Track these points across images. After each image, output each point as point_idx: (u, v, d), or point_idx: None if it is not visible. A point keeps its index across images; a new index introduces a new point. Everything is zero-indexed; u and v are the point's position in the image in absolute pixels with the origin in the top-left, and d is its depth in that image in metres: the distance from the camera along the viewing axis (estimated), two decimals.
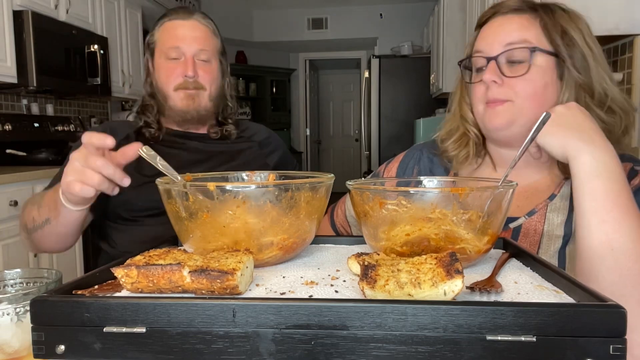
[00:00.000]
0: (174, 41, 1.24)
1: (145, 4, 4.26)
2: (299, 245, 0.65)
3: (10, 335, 0.57)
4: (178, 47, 1.23)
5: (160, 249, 0.59)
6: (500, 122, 0.85)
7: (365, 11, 6.36)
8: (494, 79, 0.84)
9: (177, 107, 1.25)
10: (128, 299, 0.46)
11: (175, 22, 1.26)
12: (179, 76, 1.23)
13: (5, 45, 2.69)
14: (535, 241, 0.85)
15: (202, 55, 1.25)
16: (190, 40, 1.24)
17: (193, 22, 1.26)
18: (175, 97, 1.25)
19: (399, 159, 1.07)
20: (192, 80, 1.23)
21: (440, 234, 0.60)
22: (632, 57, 1.72)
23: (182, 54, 1.23)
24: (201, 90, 1.25)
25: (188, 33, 1.25)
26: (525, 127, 0.84)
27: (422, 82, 4.66)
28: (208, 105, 1.28)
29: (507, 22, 0.86)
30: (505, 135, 0.88)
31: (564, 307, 0.42)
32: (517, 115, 0.84)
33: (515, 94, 0.83)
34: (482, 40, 0.88)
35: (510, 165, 0.67)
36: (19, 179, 2.42)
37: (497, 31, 0.86)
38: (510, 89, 0.84)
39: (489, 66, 0.85)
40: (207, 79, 1.26)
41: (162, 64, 1.25)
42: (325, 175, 0.69)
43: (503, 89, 0.84)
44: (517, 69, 0.83)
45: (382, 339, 0.42)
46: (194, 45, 1.24)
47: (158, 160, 0.66)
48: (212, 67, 1.28)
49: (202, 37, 1.26)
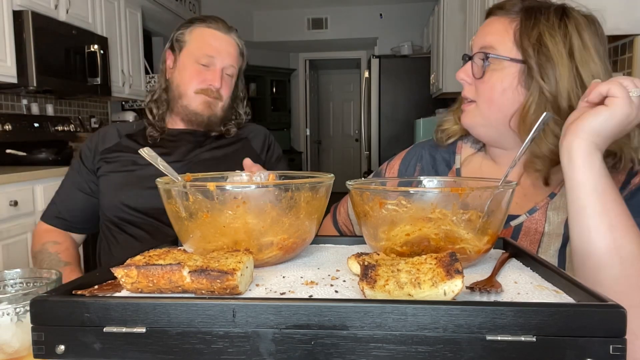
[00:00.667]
0: (210, 50, 1.29)
1: (145, 4, 4.26)
2: (299, 245, 0.65)
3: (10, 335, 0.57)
4: (213, 57, 1.29)
5: (160, 249, 0.59)
6: (466, 121, 0.90)
7: (365, 11, 6.36)
8: (464, 79, 0.89)
9: (191, 107, 1.30)
10: (128, 299, 0.46)
11: (215, 33, 1.32)
12: (204, 82, 1.29)
13: (5, 45, 2.69)
14: (536, 240, 0.84)
15: (229, 70, 1.32)
16: (225, 54, 1.31)
17: (230, 38, 1.33)
18: (194, 99, 1.30)
19: (401, 157, 1.07)
20: (215, 90, 1.30)
21: (440, 234, 0.60)
22: (632, 57, 1.72)
23: (213, 63, 1.29)
24: (218, 100, 1.32)
25: (225, 47, 1.31)
26: (489, 129, 0.88)
27: (422, 82, 4.66)
28: (219, 114, 1.34)
29: (489, 25, 0.88)
30: (476, 134, 0.92)
31: (564, 307, 0.42)
32: (479, 117, 0.88)
33: (478, 95, 0.87)
34: (473, 39, 0.91)
35: (511, 165, 0.67)
36: (19, 179, 2.42)
37: (480, 32, 0.89)
38: (476, 90, 0.87)
39: (465, 65, 0.89)
40: (226, 91, 1.33)
41: (190, 65, 1.29)
42: (325, 175, 0.69)
43: (471, 88, 0.88)
44: (479, 71, 0.86)
45: (382, 339, 0.42)
46: (227, 60, 1.31)
47: (159, 161, 0.66)
48: (232, 82, 1.36)
49: (234, 54, 1.33)
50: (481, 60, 0.86)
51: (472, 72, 0.87)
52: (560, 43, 0.79)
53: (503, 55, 0.83)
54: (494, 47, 0.84)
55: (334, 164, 8.48)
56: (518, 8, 0.86)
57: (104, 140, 1.32)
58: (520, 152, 0.67)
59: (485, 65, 0.85)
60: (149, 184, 1.22)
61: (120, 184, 1.24)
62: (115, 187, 1.24)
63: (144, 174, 1.23)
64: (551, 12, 0.83)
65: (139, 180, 1.23)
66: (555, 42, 0.79)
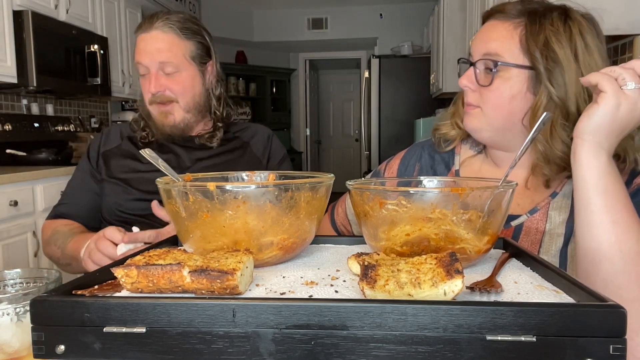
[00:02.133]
0: (138, 56, 1.21)
1: (145, 4, 4.26)
2: (299, 245, 0.65)
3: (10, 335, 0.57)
4: (141, 63, 1.20)
5: (160, 249, 0.59)
6: (471, 125, 0.89)
7: (365, 11, 6.36)
8: (468, 85, 0.87)
9: (156, 121, 1.25)
10: (128, 299, 0.46)
11: (140, 36, 1.21)
12: (148, 92, 1.21)
13: (5, 45, 2.69)
14: (537, 240, 0.85)
15: (167, 68, 1.19)
16: (151, 54, 1.18)
17: (154, 32, 1.19)
18: (153, 111, 1.24)
19: (400, 156, 1.07)
20: (159, 95, 1.20)
21: (440, 234, 0.60)
22: (632, 57, 1.72)
23: (147, 69, 1.20)
24: (173, 104, 1.21)
25: (149, 46, 1.19)
26: (494, 133, 0.87)
27: (422, 82, 4.66)
28: (185, 117, 1.23)
29: (490, 29, 0.86)
30: (479, 138, 0.92)
31: (564, 307, 0.42)
32: (484, 122, 0.87)
33: (483, 101, 0.86)
34: (472, 44, 0.90)
35: (511, 165, 0.67)
36: (19, 179, 2.42)
37: (481, 37, 0.88)
38: (480, 97, 0.86)
39: (467, 71, 0.88)
40: (177, 90, 1.21)
41: (139, 80, 1.25)
42: (325, 175, 0.69)
43: (476, 95, 0.87)
44: (487, 79, 0.85)
45: (382, 339, 0.42)
46: (156, 57, 1.18)
47: (160, 162, 0.67)
48: (181, 78, 1.21)
49: (165, 47, 1.18)
50: (486, 67, 0.84)
51: (475, 78, 0.86)
52: (567, 47, 0.79)
53: (511, 62, 0.82)
54: (500, 54, 0.83)
55: (334, 164, 8.48)
56: (518, 11, 0.84)
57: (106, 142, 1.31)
58: (520, 152, 0.67)
59: (493, 72, 0.83)
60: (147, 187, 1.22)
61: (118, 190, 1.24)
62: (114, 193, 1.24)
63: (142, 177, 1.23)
64: (554, 16, 0.82)
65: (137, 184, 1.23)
66: (562, 46, 0.79)
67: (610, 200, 0.68)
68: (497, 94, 0.84)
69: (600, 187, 0.68)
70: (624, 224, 0.67)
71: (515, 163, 0.67)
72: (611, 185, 0.68)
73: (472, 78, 0.86)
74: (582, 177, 0.70)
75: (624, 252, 0.66)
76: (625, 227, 0.67)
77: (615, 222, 0.67)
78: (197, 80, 1.25)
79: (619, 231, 0.66)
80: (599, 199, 0.68)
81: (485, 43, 0.86)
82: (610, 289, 0.66)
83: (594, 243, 0.68)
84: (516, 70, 0.82)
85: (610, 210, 0.67)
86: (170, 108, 1.21)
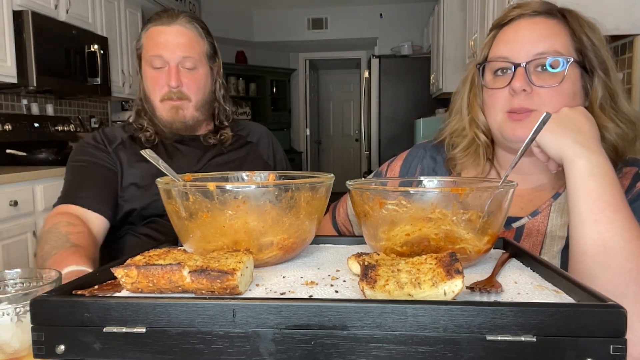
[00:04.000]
0: (156, 49, 1.18)
1: (145, 4, 4.26)
2: (299, 245, 0.65)
3: (10, 335, 0.57)
4: (161, 55, 1.18)
5: (160, 249, 0.59)
6: (524, 133, 0.80)
7: (365, 11, 6.36)
8: (525, 88, 0.80)
9: (164, 117, 1.23)
10: (128, 299, 0.46)
11: (159, 28, 1.20)
12: (163, 86, 1.19)
13: (5, 45, 2.69)
14: (539, 241, 0.85)
15: (187, 63, 1.19)
16: (173, 48, 1.18)
17: (177, 27, 1.19)
18: (162, 108, 1.22)
19: (402, 157, 1.07)
20: (176, 91, 1.19)
21: (440, 234, 0.60)
22: (632, 57, 1.72)
23: (165, 62, 1.18)
24: (186, 101, 1.21)
25: (171, 40, 1.18)
26: None
27: (422, 82, 4.66)
28: (195, 115, 1.24)
29: (535, 27, 0.83)
30: None
31: (564, 307, 0.42)
32: None
33: (543, 104, 0.80)
34: (506, 45, 0.84)
35: (511, 165, 0.67)
36: (19, 179, 2.42)
37: (525, 36, 0.83)
38: (539, 99, 0.81)
39: (517, 73, 0.81)
40: (193, 88, 1.21)
41: (148, 73, 1.21)
42: (325, 175, 0.69)
43: (531, 98, 0.81)
44: (546, 79, 0.80)
45: (382, 339, 0.42)
46: (178, 53, 1.18)
47: (160, 162, 0.67)
48: (199, 75, 1.22)
49: (187, 43, 1.19)
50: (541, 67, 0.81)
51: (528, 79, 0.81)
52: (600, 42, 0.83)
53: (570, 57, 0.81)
54: (560, 51, 0.80)
55: (334, 164, 8.47)
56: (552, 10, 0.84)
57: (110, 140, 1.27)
58: (520, 152, 0.67)
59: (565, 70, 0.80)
60: None
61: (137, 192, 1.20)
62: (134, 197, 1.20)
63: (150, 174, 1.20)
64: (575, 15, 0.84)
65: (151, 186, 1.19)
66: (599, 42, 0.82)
67: (594, 201, 0.71)
68: (564, 93, 0.81)
69: (586, 190, 0.72)
70: (607, 221, 0.69)
71: (515, 163, 0.67)
72: (594, 188, 0.71)
73: (527, 79, 0.81)
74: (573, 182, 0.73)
75: (607, 247, 0.68)
76: (608, 224, 0.69)
77: (598, 220, 0.70)
78: (208, 80, 1.26)
79: (601, 229, 0.69)
80: (583, 201, 0.72)
81: (537, 41, 0.81)
82: (597, 284, 0.67)
83: (580, 241, 0.71)
84: (573, 68, 0.81)
85: (594, 211, 0.70)
86: (181, 104, 1.21)
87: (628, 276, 0.66)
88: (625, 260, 0.67)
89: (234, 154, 1.33)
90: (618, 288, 0.66)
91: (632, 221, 0.70)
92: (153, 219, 1.20)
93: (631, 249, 0.67)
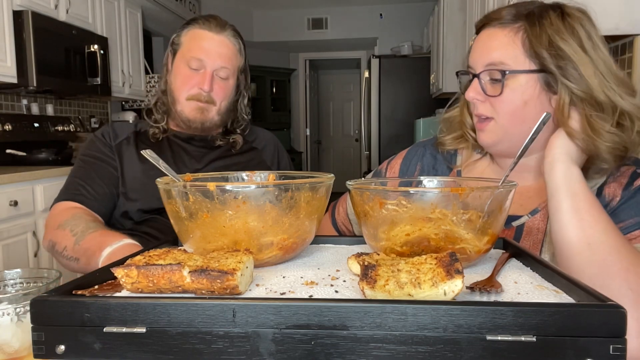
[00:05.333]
0: (199, 52, 1.23)
1: (145, 4, 4.26)
2: (299, 245, 0.65)
3: (10, 335, 0.57)
4: (201, 59, 1.23)
5: (160, 249, 0.59)
6: (487, 140, 0.88)
7: (365, 11, 6.36)
8: (477, 97, 0.86)
9: (184, 114, 1.27)
10: (128, 299, 0.46)
11: (205, 33, 1.25)
12: (194, 86, 1.24)
13: (5, 45, 2.69)
14: (539, 240, 0.85)
15: (222, 73, 1.25)
16: (215, 56, 1.24)
17: (223, 38, 1.26)
18: (186, 106, 1.26)
19: (402, 156, 1.07)
20: (206, 95, 1.24)
21: (440, 234, 0.60)
22: (632, 57, 1.72)
23: (203, 66, 1.23)
24: (212, 105, 1.27)
25: (215, 48, 1.24)
26: (514, 143, 0.85)
27: (422, 82, 4.66)
28: (215, 119, 1.29)
29: (490, 39, 0.85)
30: (497, 150, 0.91)
31: (564, 307, 0.42)
32: (501, 134, 0.86)
33: (495, 112, 0.85)
34: (472, 55, 0.89)
35: (510, 166, 0.67)
36: (19, 179, 2.42)
37: (481, 48, 0.86)
38: (492, 107, 0.85)
39: (472, 83, 0.86)
40: (220, 95, 1.27)
41: (181, 70, 1.25)
42: (325, 175, 0.69)
43: (486, 105, 0.86)
44: (495, 89, 0.84)
45: (382, 339, 0.42)
46: (218, 62, 1.24)
47: (161, 163, 0.67)
48: (228, 85, 1.28)
49: (228, 55, 1.26)
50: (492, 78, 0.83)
51: (481, 89, 0.85)
52: (572, 42, 0.79)
53: (518, 68, 0.81)
54: (505, 62, 0.82)
55: (334, 164, 8.48)
56: (514, 16, 0.83)
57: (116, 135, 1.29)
58: (519, 153, 0.67)
59: (502, 81, 0.82)
60: None
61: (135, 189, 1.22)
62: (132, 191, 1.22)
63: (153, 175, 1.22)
64: (552, 15, 0.81)
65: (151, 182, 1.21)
66: (567, 42, 0.79)
67: (578, 201, 0.74)
68: (509, 102, 0.83)
69: (569, 191, 0.75)
70: (591, 220, 0.73)
71: (514, 164, 0.67)
72: (579, 189, 0.75)
73: (479, 89, 0.85)
74: (556, 185, 0.76)
75: (591, 244, 0.72)
76: (591, 222, 0.73)
77: (582, 219, 0.73)
78: (234, 91, 1.33)
79: (585, 226, 0.72)
80: (568, 201, 0.74)
81: (486, 53, 0.84)
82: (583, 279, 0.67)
83: (565, 239, 0.74)
84: (525, 76, 0.81)
85: (578, 210, 0.73)
86: (207, 107, 1.26)
87: (610, 269, 0.70)
88: (608, 254, 0.70)
89: (238, 157, 1.34)
90: (603, 281, 0.69)
91: (610, 219, 0.74)
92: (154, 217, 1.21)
93: (612, 244, 0.71)
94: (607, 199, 0.82)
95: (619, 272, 0.69)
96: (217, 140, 1.34)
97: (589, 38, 0.81)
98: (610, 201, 0.81)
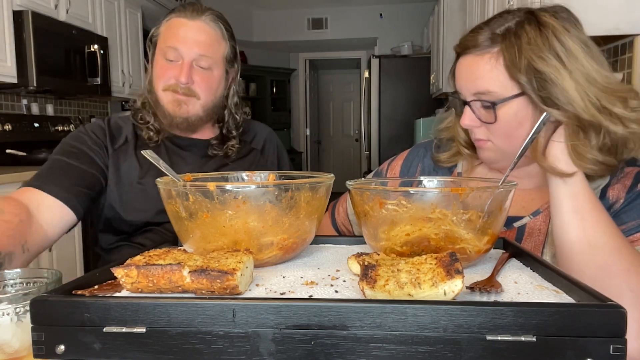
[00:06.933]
0: (173, 41, 1.11)
1: (145, 4, 4.26)
2: (299, 245, 0.65)
3: (10, 335, 0.57)
4: (177, 48, 1.11)
5: (160, 249, 0.59)
6: (488, 158, 0.89)
7: (365, 11, 6.35)
8: (472, 125, 0.85)
9: (165, 109, 1.14)
10: (128, 299, 0.46)
11: (181, 20, 1.13)
12: (170, 78, 1.12)
13: (5, 45, 2.69)
14: (540, 241, 0.85)
15: (203, 62, 1.12)
16: (191, 44, 1.11)
17: (199, 23, 1.13)
18: (164, 98, 1.13)
19: (403, 157, 1.07)
20: (185, 87, 1.12)
21: (440, 234, 0.60)
22: (632, 57, 1.72)
23: (180, 57, 1.11)
24: (193, 98, 1.14)
25: (191, 35, 1.11)
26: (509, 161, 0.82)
27: (422, 82, 4.66)
28: (200, 114, 1.16)
29: (472, 68, 0.82)
30: (498, 167, 0.92)
31: (564, 307, 0.42)
32: (499, 154, 0.86)
33: (492, 135, 0.84)
34: (457, 81, 0.87)
35: (510, 167, 0.68)
36: (19, 179, 2.42)
37: (465, 76, 0.84)
38: (488, 131, 0.84)
39: (465, 111, 0.85)
40: (204, 87, 1.14)
41: (158, 62, 1.14)
42: (325, 175, 0.69)
43: (482, 130, 0.85)
44: (489, 115, 0.82)
45: (382, 339, 0.42)
46: (195, 50, 1.11)
47: (161, 163, 0.67)
48: (212, 76, 1.15)
49: (207, 42, 1.13)
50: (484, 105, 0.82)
51: (475, 116, 0.83)
52: (552, 58, 0.76)
53: (506, 95, 0.79)
54: (491, 90, 0.79)
55: (334, 164, 8.47)
56: (490, 40, 0.80)
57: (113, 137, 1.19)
58: (519, 153, 0.68)
59: (493, 109, 0.80)
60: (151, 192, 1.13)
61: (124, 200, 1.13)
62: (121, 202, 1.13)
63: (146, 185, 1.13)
64: (527, 30, 0.78)
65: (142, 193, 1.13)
66: (545, 62, 0.75)
67: (579, 202, 0.74)
68: (504, 126, 0.81)
69: (571, 191, 0.75)
70: (592, 220, 0.73)
71: (514, 164, 0.68)
72: (580, 189, 0.75)
73: (474, 117, 0.84)
74: (557, 185, 0.77)
75: (592, 244, 0.72)
76: (592, 222, 0.73)
77: (583, 219, 0.73)
78: (222, 83, 1.20)
79: (586, 226, 0.73)
80: (569, 201, 0.75)
81: (471, 83, 0.82)
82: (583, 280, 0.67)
83: (566, 239, 0.75)
84: (515, 101, 0.79)
85: (579, 211, 0.74)
86: (187, 100, 1.14)
87: (610, 269, 0.70)
88: (608, 255, 0.71)
89: (238, 164, 1.26)
90: (603, 281, 0.69)
91: (611, 220, 0.74)
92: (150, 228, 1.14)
93: (613, 245, 0.71)
94: (611, 201, 0.82)
95: (619, 272, 0.69)
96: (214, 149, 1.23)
97: (564, 49, 0.76)
98: (614, 203, 0.81)
